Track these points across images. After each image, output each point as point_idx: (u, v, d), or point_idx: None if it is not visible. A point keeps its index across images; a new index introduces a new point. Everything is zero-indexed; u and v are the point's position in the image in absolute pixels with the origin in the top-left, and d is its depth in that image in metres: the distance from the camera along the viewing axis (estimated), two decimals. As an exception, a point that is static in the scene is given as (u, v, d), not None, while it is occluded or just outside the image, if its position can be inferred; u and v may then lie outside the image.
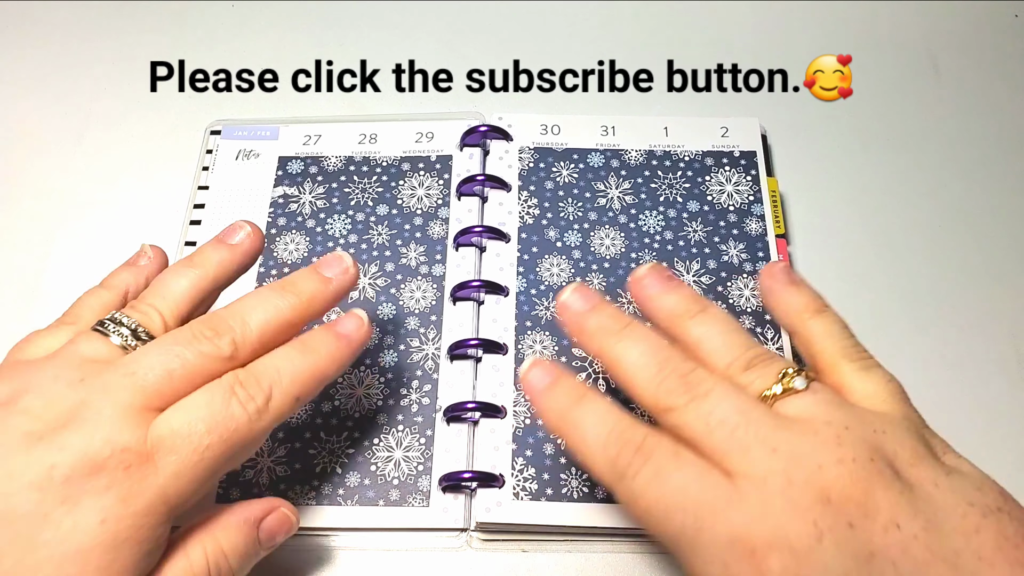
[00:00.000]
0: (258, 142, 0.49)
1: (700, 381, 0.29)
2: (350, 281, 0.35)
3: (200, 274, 0.35)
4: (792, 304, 0.33)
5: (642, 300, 0.34)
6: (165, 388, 0.30)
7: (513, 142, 0.48)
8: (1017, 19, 0.56)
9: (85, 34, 0.57)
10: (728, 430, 0.28)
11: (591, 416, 0.30)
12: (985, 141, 0.51)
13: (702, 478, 0.27)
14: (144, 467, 0.28)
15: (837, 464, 0.26)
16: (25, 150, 0.52)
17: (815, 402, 0.29)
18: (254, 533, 0.33)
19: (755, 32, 0.56)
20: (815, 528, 0.25)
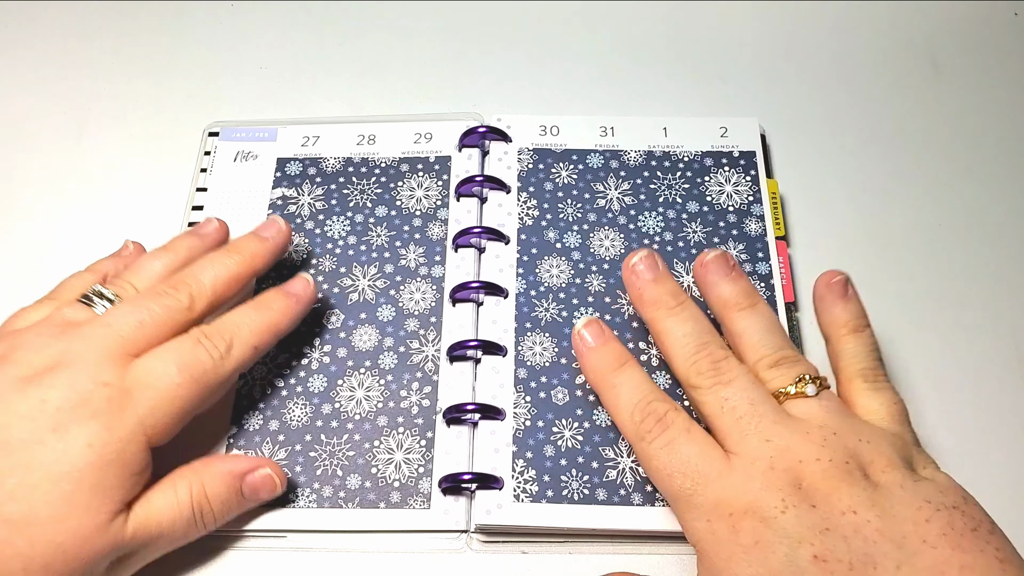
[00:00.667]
0: (256, 143, 0.49)
1: (727, 369, 0.35)
2: (284, 238, 0.42)
3: (172, 257, 0.40)
4: (836, 317, 0.38)
5: (702, 282, 0.39)
6: (138, 336, 0.35)
7: (512, 143, 0.48)
8: (1017, 18, 0.56)
9: (85, 34, 0.57)
10: (736, 416, 0.33)
11: (627, 383, 0.36)
12: (985, 140, 0.51)
13: (704, 452, 0.33)
14: (124, 400, 0.33)
15: (815, 461, 0.32)
16: (24, 150, 0.52)
17: (819, 407, 0.34)
18: (237, 485, 0.36)
19: (755, 32, 0.56)
20: (782, 503, 0.31)
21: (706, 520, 0.32)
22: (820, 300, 0.39)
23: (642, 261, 0.38)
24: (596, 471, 0.39)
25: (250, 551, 0.39)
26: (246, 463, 0.37)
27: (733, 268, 0.38)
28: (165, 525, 0.34)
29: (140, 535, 0.33)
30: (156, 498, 0.34)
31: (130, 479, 0.33)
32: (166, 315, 0.36)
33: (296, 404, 0.41)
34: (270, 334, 0.39)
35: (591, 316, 0.39)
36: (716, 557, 0.31)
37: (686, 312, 0.37)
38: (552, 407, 0.40)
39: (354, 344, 0.43)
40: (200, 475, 0.36)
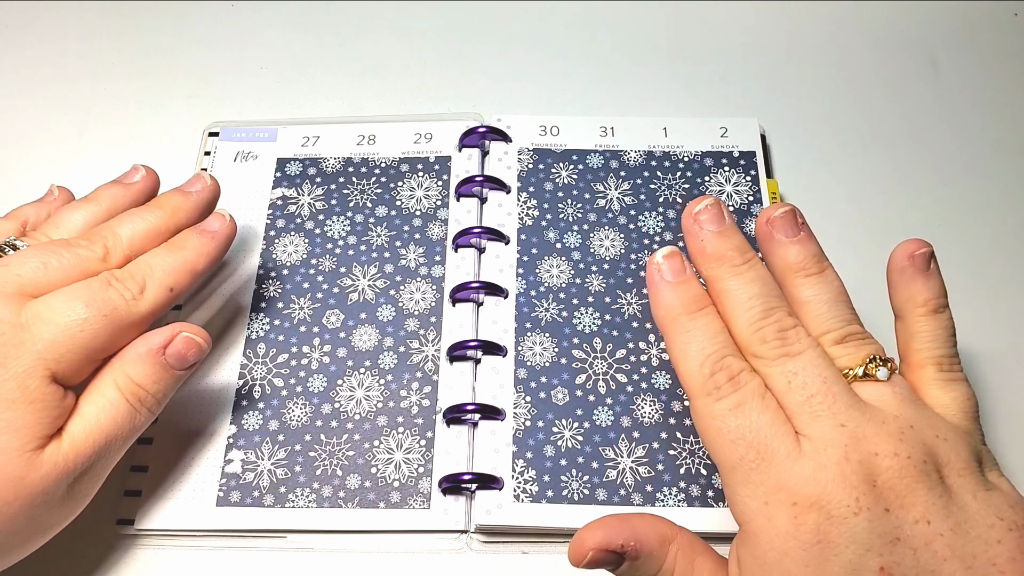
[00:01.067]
0: (256, 144, 0.49)
1: (796, 339, 0.31)
2: (209, 194, 0.41)
3: (94, 208, 0.39)
4: (916, 294, 0.33)
5: (767, 241, 0.34)
6: (40, 278, 0.34)
7: (512, 143, 0.48)
8: (1017, 18, 0.56)
9: (85, 34, 0.57)
10: (806, 394, 0.30)
11: (703, 330, 0.32)
12: (985, 140, 0.51)
13: (775, 425, 0.29)
14: (20, 335, 0.32)
15: (892, 456, 0.28)
16: (24, 150, 0.52)
17: (892, 394, 0.30)
18: (160, 359, 0.34)
19: (755, 32, 0.56)
20: (856, 503, 0.27)
21: (763, 502, 0.29)
22: (899, 272, 0.34)
23: (707, 210, 0.34)
24: (596, 471, 0.39)
25: (250, 551, 0.39)
26: (160, 336, 0.35)
27: (802, 227, 0.34)
28: (107, 428, 0.33)
29: (83, 450, 0.32)
30: (86, 408, 0.33)
31: (43, 414, 0.32)
32: (75, 262, 0.35)
33: (296, 404, 0.41)
34: (186, 274, 0.37)
35: (674, 247, 0.34)
36: (768, 544, 0.28)
37: (753, 272, 0.33)
38: (552, 407, 0.40)
39: (354, 344, 0.43)
40: (121, 365, 0.34)
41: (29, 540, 0.33)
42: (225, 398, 0.41)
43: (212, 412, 0.41)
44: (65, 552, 0.34)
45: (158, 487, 0.39)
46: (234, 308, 0.44)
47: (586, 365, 0.42)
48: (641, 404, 0.40)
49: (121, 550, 0.39)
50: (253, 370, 0.42)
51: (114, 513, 0.39)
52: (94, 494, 0.34)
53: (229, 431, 0.41)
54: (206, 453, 0.40)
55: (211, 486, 0.39)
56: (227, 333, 0.43)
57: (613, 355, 0.42)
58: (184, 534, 0.39)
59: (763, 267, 0.33)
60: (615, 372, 0.41)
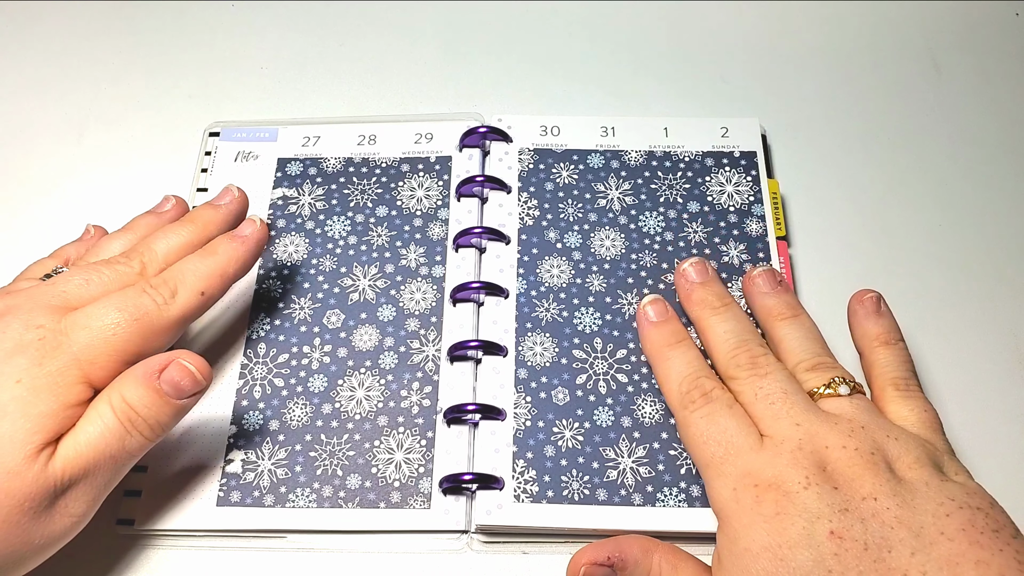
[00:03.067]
0: (257, 144, 0.49)
1: (764, 364, 0.37)
2: (239, 205, 0.42)
3: (131, 237, 0.40)
4: (869, 331, 0.39)
5: (749, 293, 0.41)
6: (83, 293, 0.36)
7: (513, 143, 0.48)
8: (1018, 17, 0.56)
9: (85, 34, 0.57)
10: (769, 402, 0.35)
11: (681, 358, 0.38)
12: (986, 140, 0.51)
13: (740, 427, 0.35)
14: (58, 339, 0.34)
15: (841, 448, 0.33)
16: (24, 150, 0.52)
17: (851, 405, 0.35)
18: (153, 383, 0.34)
19: (755, 32, 0.56)
20: (806, 479, 0.32)
21: (732, 488, 0.33)
22: (853, 315, 0.40)
23: (692, 266, 0.41)
24: (596, 471, 0.39)
25: (250, 551, 0.39)
26: (158, 361, 0.35)
27: (780, 283, 0.41)
28: (96, 445, 0.33)
29: (72, 462, 0.32)
30: (80, 425, 0.33)
31: (63, 410, 0.33)
32: (114, 277, 0.37)
33: (296, 404, 0.41)
34: (217, 278, 0.38)
35: (656, 295, 0.41)
36: (737, 524, 0.32)
37: (729, 312, 0.39)
38: (552, 407, 0.40)
39: (354, 344, 0.43)
40: (118, 386, 0.34)
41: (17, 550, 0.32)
42: (225, 398, 0.41)
43: (212, 412, 0.41)
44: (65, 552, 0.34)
45: (158, 487, 0.39)
46: (234, 308, 0.44)
47: (586, 365, 0.42)
48: (641, 404, 0.40)
49: (121, 550, 0.39)
50: (253, 370, 0.42)
51: (114, 513, 0.39)
52: (86, 515, 0.34)
53: (229, 431, 0.41)
54: (206, 453, 0.40)
55: (211, 486, 0.39)
56: (227, 333, 0.43)
57: (613, 355, 0.42)
58: (184, 534, 0.39)
59: (739, 309, 0.40)
60: (615, 372, 0.41)
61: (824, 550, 0.30)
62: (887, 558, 0.29)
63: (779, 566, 0.30)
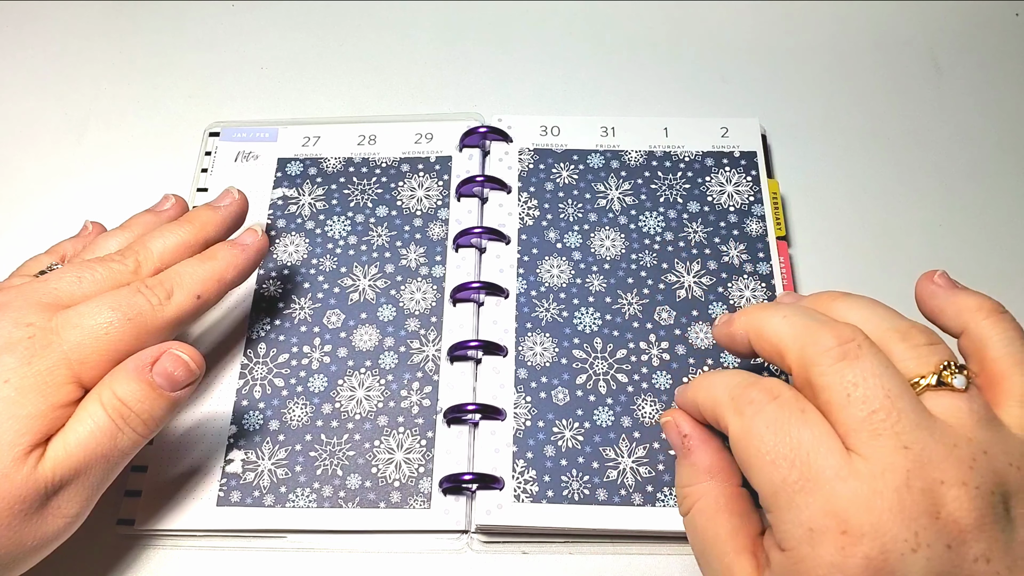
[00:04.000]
0: (257, 144, 0.49)
1: (857, 342, 0.28)
2: (238, 207, 0.41)
3: (128, 236, 0.40)
4: (966, 303, 0.31)
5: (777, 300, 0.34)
6: (75, 290, 0.35)
7: (513, 143, 0.48)
8: (1018, 17, 0.56)
9: (85, 34, 0.57)
10: (868, 410, 0.26)
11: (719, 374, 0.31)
12: (986, 140, 0.51)
13: (821, 440, 0.27)
14: (48, 337, 0.33)
15: (960, 486, 0.25)
16: (24, 150, 0.52)
17: (967, 410, 0.27)
18: (146, 376, 0.33)
19: (755, 32, 0.56)
20: (915, 538, 0.25)
21: (808, 528, 0.26)
22: (931, 297, 0.32)
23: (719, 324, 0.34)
24: (596, 471, 0.39)
25: (250, 551, 0.39)
26: (149, 353, 0.34)
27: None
28: (87, 443, 0.32)
29: (62, 463, 0.32)
30: (70, 424, 0.33)
31: (52, 411, 0.32)
32: (108, 275, 0.36)
33: (296, 404, 0.41)
34: (214, 283, 0.38)
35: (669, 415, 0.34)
36: (807, 570, 0.26)
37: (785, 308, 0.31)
38: (552, 407, 0.40)
39: (355, 344, 0.43)
40: (108, 382, 0.33)
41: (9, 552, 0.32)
42: (226, 398, 0.41)
43: (212, 412, 0.41)
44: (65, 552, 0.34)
45: (158, 487, 0.39)
46: (234, 308, 0.44)
47: (586, 365, 0.42)
48: (641, 404, 0.40)
49: (121, 550, 0.39)
50: (254, 370, 0.42)
51: (114, 513, 0.39)
52: (80, 515, 0.33)
53: (230, 431, 0.41)
54: (206, 453, 0.40)
55: (211, 486, 0.39)
56: (227, 333, 0.43)
57: (613, 355, 0.42)
58: (184, 534, 0.39)
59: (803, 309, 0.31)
60: (615, 372, 0.41)
61: None
62: None
63: None
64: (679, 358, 0.42)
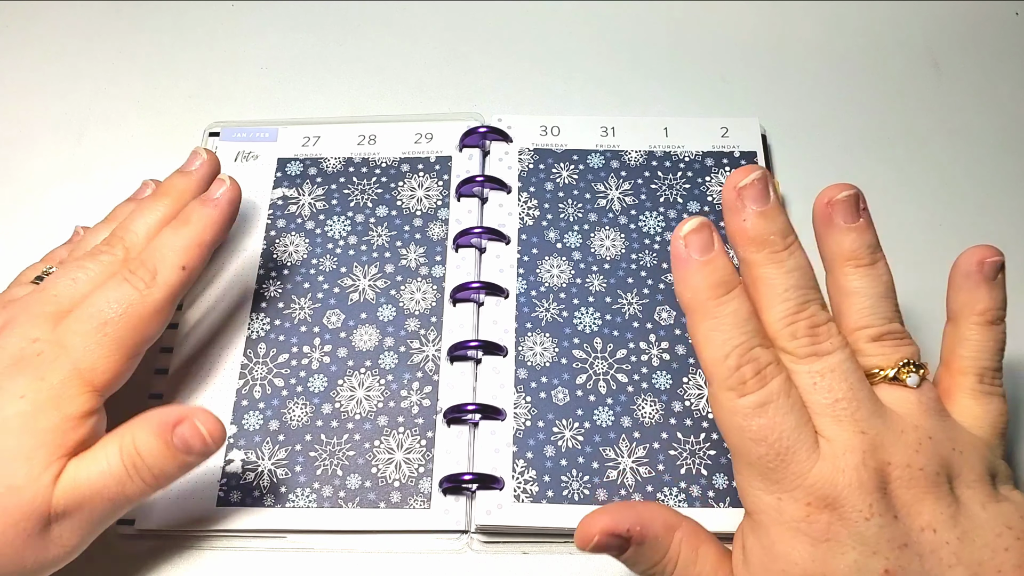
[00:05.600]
0: (257, 144, 0.49)
1: (826, 337, 0.30)
2: (209, 167, 0.41)
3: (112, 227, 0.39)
4: (974, 301, 0.33)
5: (824, 224, 0.33)
6: (73, 292, 0.35)
7: (513, 143, 0.48)
8: (1018, 17, 0.56)
9: (85, 34, 0.57)
10: (832, 398, 0.30)
11: (731, 319, 0.30)
12: (986, 140, 0.51)
13: (798, 428, 0.29)
14: (56, 350, 0.33)
15: (906, 467, 0.29)
16: (24, 150, 0.52)
17: (916, 402, 0.31)
18: (166, 436, 0.33)
19: (755, 32, 0.56)
20: (869, 509, 0.28)
21: (777, 496, 0.29)
22: (965, 276, 0.33)
23: (753, 185, 0.31)
24: (596, 471, 0.39)
25: (250, 551, 0.39)
26: (175, 413, 0.34)
27: (863, 213, 0.33)
28: (95, 483, 0.32)
29: (70, 492, 0.32)
30: (86, 456, 0.33)
31: (68, 422, 0.33)
32: (100, 269, 0.36)
33: (296, 404, 0.41)
34: (196, 248, 0.37)
35: (701, 218, 0.31)
36: (776, 534, 0.29)
37: (793, 260, 0.31)
38: (552, 407, 0.40)
39: (354, 344, 0.43)
40: (131, 429, 0.33)
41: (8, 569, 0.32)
42: (225, 398, 0.41)
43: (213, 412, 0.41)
44: (65, 552, 0.34)
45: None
46: (234, 308, 0.44)
47: (586, 365, 0.42)
48: (641, 404, 0.40)
49: (121, 550, 0.39)
50: (253, 370, 0.42)
51: (114, 513, 0.39)
52: (77, 548, 0.33)
53: (229, 431, 0.41)
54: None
55: (211, 486, 0.39)
56: (227, 333, 0.43)
57: (614, 355, 0.42)
58: (184, 534, 0.39)
59: (804, 255, 0.32)
60: (615, 372, 0.41)
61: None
62: None
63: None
64: (679, 358, 0.42)
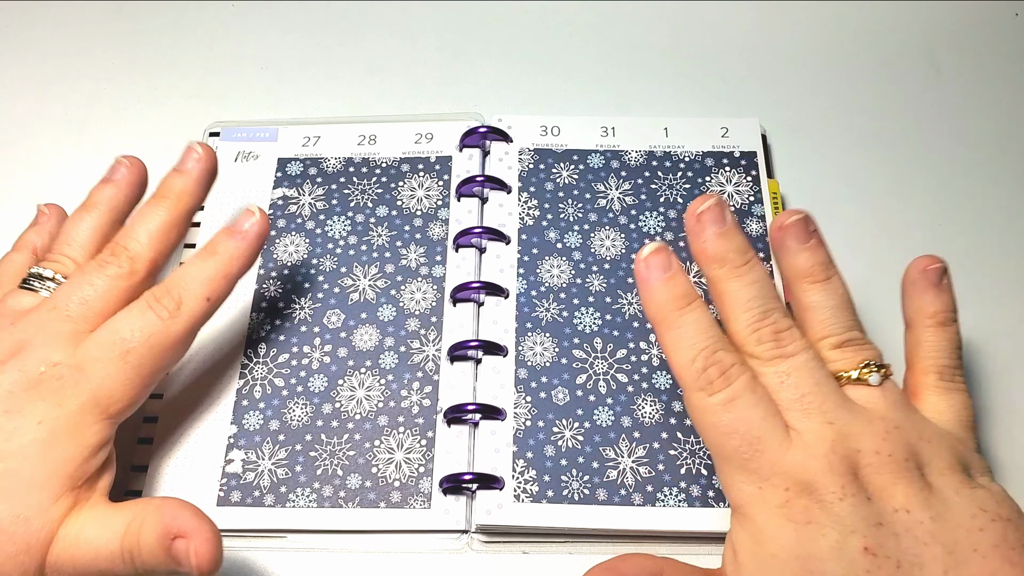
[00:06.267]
0: (257, 144, 0.49)
1: (791, 341, 0.33)
2: (208, 161, 0.40)
3: (96, 214, 0.39)
4: (925, 306, 0.35)
5: (778, 247, 0.36)
6: (87, 312, 0.35)
7: (513, 143, 0.48)
8: (1017, 17, 0.56)
9: (85, 34, 0.57)
10: (799, 393, 0.32)
11: (693, 326, 0.33)
12: (986, 140, 0.51)
13: (767, 419, 0.31)
14: (76, 376, 0.33)
15: (874, 454, 0.31)
16: (24, 150, 0.52)
17: (882, 397, 0.32)
18: (167, 543, 0.31)
19: (755, 32, 0.56)
20: (841, 490, 0.30)
21: (758, 487, 0.31)
22: (911, 284, 0.36)
23: (709, 210, 0.34)
24: (596, 471, 0.39)
25: (250, 551, 0.39)
26: (180, 524, 0.31)
27: (813, 235, 0.35)
28: (93, 547, 0.32)
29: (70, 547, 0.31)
30: (95, 518, 0.32)
31: (83, 452, 0.33)
32: (109, 284, 0.36)
33: (297, 404, 0.41)
34: (221, 280, 0.37)
35: (659, 243, 0.35)
36: (763, 524, 0.30)
37: (752, 274, 0.34)
38: (553, 407, 0.40)
39: (355, 344, 0.43)
40: (143, 515, 0.32)
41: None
42: (226, 398, 0.41)
43: (212, 412, 0.41)
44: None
45: (158, 487, 0.39)
46: (235, 308, 0.44)
47: (586, 365, 0.42)
48: (641, 404, 0.40)
49: (122, 550, 0.39)
50: (254, 370, 0.42)
51: (115, 513, 0.39)
52: None
53: (230, 431, 0.41)
54: (206, 453, 0.40)
55: (211, 486, 0.39)
56: (227, 333, 0.43)
57: (614, 355, 0.42)
58: (185, 534, 0.39)
59: (762, 269, 0.34)
60: (615, 372, 0.41)
61: (857, 567, 0.29)
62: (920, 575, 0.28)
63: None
64: (679, 358, 0.42)
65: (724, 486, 0.32)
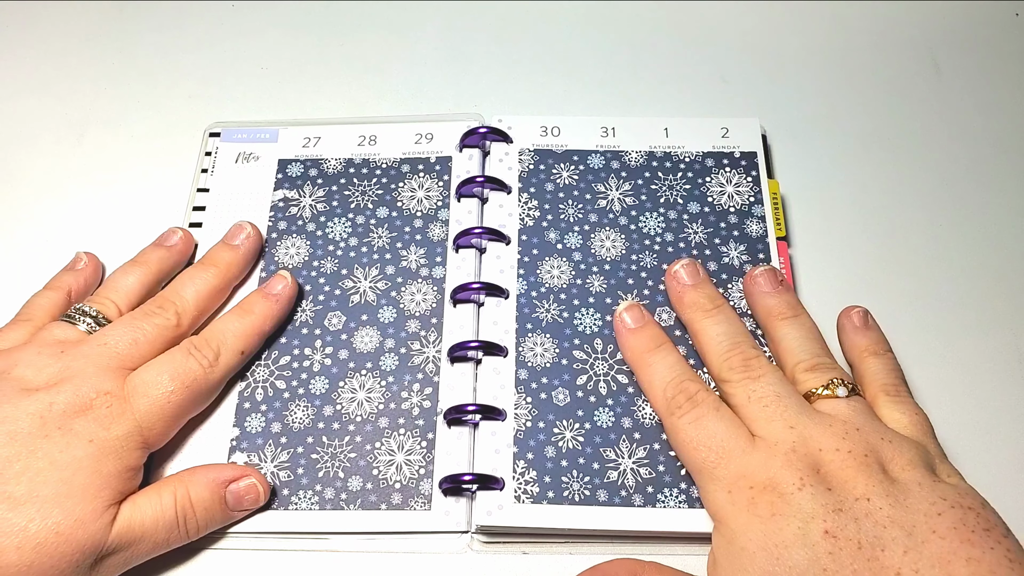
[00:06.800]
0: (257, 144, 0.49)
1: (757, 366, 0.38)
2: (254, 243, 0.44)
3: (144, 271, 0.43)
4: (857, 344, 0.40)
5: (750, 293, 0.42)
6: (134, 352, 0.39)
7: (513, 143, 0.48)
8: (1018, 18, 0.56)
9: (85, 34, 0.57)
10: (762, 405, 0.36)
11: (662, 363, 0.39)
12: (986, 140, 0.51)
13: (730, 430, 0.36)
14: (123, 406, 0.37)
15: (835, 451, 0.34)
16: (24, 150, 0.52)
17: (847, 407, 0.36)
18: (221, 493, 0.37)
19: (755, 32, 0.56)
20: (800, 481, 0.33)
21: (727, 491, 0.34)
22: (841, 330, 0.41)
23: (684, 268, 0.42)
24: (597, 472, 0.39)
25: (251, 552, 0.39)
26: (231, 472, 0.38)
27: (781, 282, 0.41)
28: (148, 526, 0.36)
29: (124, 533, 0.35)
30: (141, 500, 0.36)
31: (126, 472, 0.36)
32: (156, 333, 0.40)
33: (298, 406, 0.41)
34: (255, 336, 0.41)
35: (633, 301, 0.42)
36: (734, 524, 0.33)
37: (721, 315, 0.40)
38: (553, 408, 0.41)
39: (355, 346, 0.43)
40: (186, 481, 0.37)
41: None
42: (228, 401, 0.41)
43: (215, 415, 0.41)
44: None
45: (160, 489, 0.39)
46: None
47: (587, 366, 0.42)
48: (642, 405, 0.41)
49: (123, 551, 0.39)
50: (255, 372, 0.42)
51: (116, 515, 0.39)
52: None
53: (232, 434, 0.41)
54: (209, 456, 0.40)
55: (213, 487, 0.39)
56: (229, 334, 0.44)
57: (614, 356, 0.42)
58: (186, 535, 0.39)
59: (731, 311, 0.41)
60: (616, 373, 0.41)
61: (819, 549, 0.31)
62: (880, 556, 0.30)
63: (775, 565, 0.31)
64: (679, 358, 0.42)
65: (703, 499, 0.36)
